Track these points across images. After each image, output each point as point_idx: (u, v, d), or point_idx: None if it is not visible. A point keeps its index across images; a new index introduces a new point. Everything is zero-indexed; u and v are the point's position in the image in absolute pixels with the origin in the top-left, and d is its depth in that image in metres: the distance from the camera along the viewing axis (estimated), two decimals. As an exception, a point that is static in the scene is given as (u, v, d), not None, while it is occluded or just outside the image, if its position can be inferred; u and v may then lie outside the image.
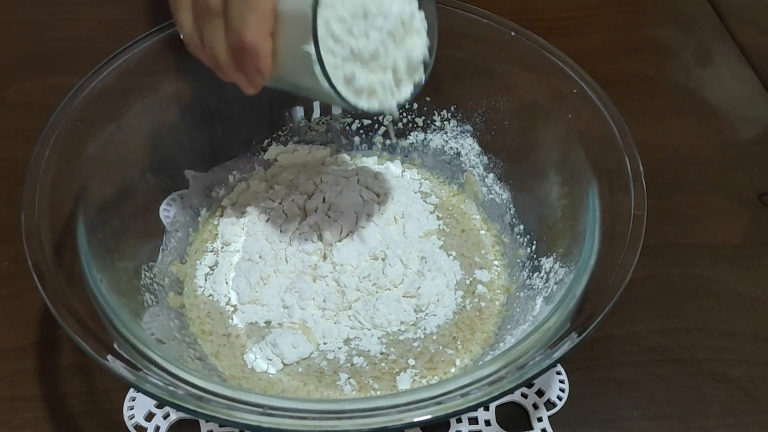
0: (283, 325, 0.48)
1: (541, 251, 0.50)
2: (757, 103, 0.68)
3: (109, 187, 0.46)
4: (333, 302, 0.49)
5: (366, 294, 0.49)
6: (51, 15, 0.73)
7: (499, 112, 0.54)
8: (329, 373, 0.46)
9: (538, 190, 0.52)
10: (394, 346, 0.48)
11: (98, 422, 0.45)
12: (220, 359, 0.47)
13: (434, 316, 0.49)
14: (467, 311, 0.50)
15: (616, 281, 0.38)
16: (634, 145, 0.44)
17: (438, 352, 0.47)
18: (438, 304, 0.50)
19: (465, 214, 0.56)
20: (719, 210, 0.59)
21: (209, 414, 0.33)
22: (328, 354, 0.47)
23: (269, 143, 0.58)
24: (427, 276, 0.51)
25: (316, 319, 0.48)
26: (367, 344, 0.48)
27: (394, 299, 0.49)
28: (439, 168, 0.59)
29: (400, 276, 0.50)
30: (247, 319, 0.49)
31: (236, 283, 0.50)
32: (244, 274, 0.50)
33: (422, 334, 0.48)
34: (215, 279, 0.51)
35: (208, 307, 0.50)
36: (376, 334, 0.48)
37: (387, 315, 0.48)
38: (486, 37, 0.52)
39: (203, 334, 0.48)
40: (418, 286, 0.50)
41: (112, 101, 0.46)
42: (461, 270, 0.52)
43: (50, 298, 0.37)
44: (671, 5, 0.79)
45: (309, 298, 0.49)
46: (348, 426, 0.33)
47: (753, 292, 0.53)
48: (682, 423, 0.46)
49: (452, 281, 0.51)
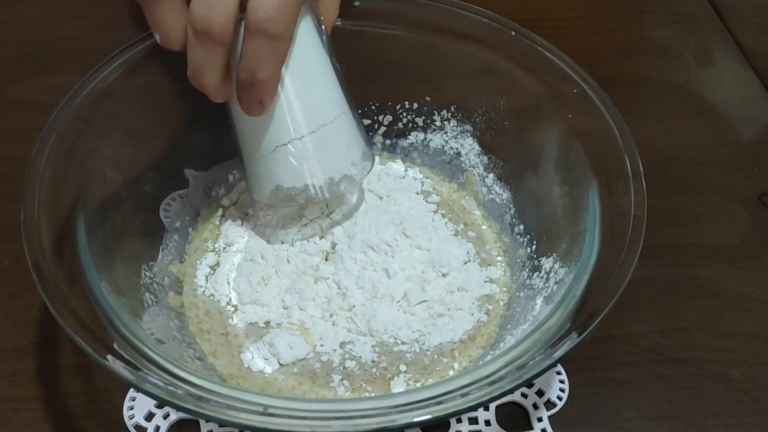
0: (281, 326, 0.48)
1: (541, 251, 0.50)
2: (757, 103, 0.68)
3: (109, 187, 0.46)
4: (334, 304, 0.48)
5: (367, 298, 0.48)
6: (51, 15, 0.73)
7: (499, 112, 0.54)
8: (322, 374, 0.46)
9: (538, 190, 0.52)
10: (386, 355, 0.47)
11: (98, 422, 0.45)
12: (218, 358, 0.47)
13: (439, 333, 0.47)
14: (476, 321, 0.49)
15: (616, 281, 0.38)
16: (634, 145, 0.44)
17: (433, 361, 0.47)
18: (450, 316, 0.48)
19: (465, 209, 0.56)
20: (719, 210, 0.59)
21: (209, 414, 0.33)
22: (322, 356, 0.47)
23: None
24: (435, 282, 0.49)
25: (315, 321, 0.48)
26: (359, 350, 0.47)
27: (395, 308, 0.48)
28: (439, 168, 0.59)
29: (402, 283, 0.49)
30: (247, 319, 0.49)
31: (237, 283, 0.50)
32: (246, 275, 0.50)
33: (418, 348, 0.47)
34: (216, 279, 0.51)
35: (207, 307, 0.49)
36: (369, 342, 0.47)
37: (384, 323, 0.47)
38: (486, 37, 0.52)
39: (201, 332, 0.48)
40: (423, 297, 0.48)
41: (112, 101, 0.46)
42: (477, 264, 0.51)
43: (50, 297, 0.37)
44: (671, 5, 0.79)
45: (309, 299, 0.49)
46: (348, 426, 0.33)
47: (753, 292, 0.53)
48: (682, 423, 0.46)
49: (471, 281, 0.50)
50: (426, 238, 0.51)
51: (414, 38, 0.53)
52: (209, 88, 0.42)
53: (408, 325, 0.48)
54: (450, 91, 0.56)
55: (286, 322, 0.48)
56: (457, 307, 0.49)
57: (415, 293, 0.48)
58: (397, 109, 0.58)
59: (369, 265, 0.49)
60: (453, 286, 0.49)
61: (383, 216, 0.51)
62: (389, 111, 0.58)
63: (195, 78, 0.41)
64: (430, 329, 0.48)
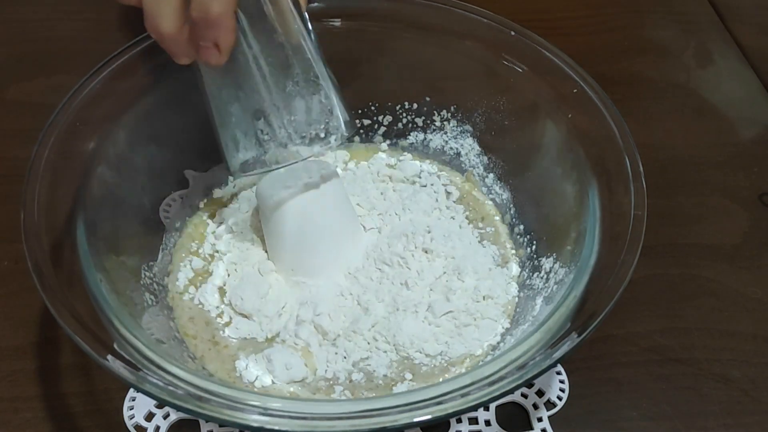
0: (285, 342, 0.46)
1: (541, 251, 0.50)
2: (757, 103, 0.68)
3: (109, 187, 0.46)
4: (354, 319, 0.46)
5: (390, 311, 0.47)
6: (50, 15, 0.73)
7: (499, 112, 0.54)
8: (324, 388, 0.44)
9: (537, 191, 0.52)
10: (400, 367, 0.45)
11: (98, 422, 0.45)
12: (208, 362, 0.45)
13: (464, 344, 0.46)
14: (503, 330, 0.47)
15: (616, 281, 0.38)
16: (634, 145, 0.44)
17: (442, 369, 0.45)
18: (476, 326, 0.47)
19: (478, 200, 0.56)
20: (719, 210, 0.59)
21: (209, 414, 0.33)
22: (327, 373, 0.45)
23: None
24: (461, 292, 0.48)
25: (321, 342, 0.46)
26: (375, 364, 0.45)
27: (420, 320, 0.46)
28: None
29: (426, 293, 0.48)
30: (242, 333, 0.47)
31: (236, 294, 0.48)
32: (244, 286, 0.48)
33: (441, 361, 0.46)
34: (206, 289, 0.49)
35: (192, 313, 0.48)
36: (391, 356, 0.45)
37: (410, 336, 0.45)
38: (486, 37, 0.52)
39: (187, 336, 0.47)
40: (449, 307, 0.47)
41: (112, 101, 0.46)
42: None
43: (50, 298, 0.37)
44: (671, 5, 0.79)
45: (325, 313, 0.46)
46: (348, 426, 0.33)
47: (753, 292, 0.53)
48: (682, 423, 0.46)
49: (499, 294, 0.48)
50: (450, 246, 0.50)
51: (414, 38, 0.53)
52: (167, 37, 0.40)
53: (435, 337, 0.46)
54: (450, 91, 0.56)
55: (290, 340, 0.46)
56: (484, 316, 0.47)
57: (440, 304, 0.47)
58: (397, 109, 0.58)
59: (386, 279, 0.48)
60: (479, 295, 0.48)
61: (398, 228, 0.51)
62: (389, 111, 0.58)
63: (151, 25, 0.40)
64: (455, 340, 0.46)
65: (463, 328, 0.47)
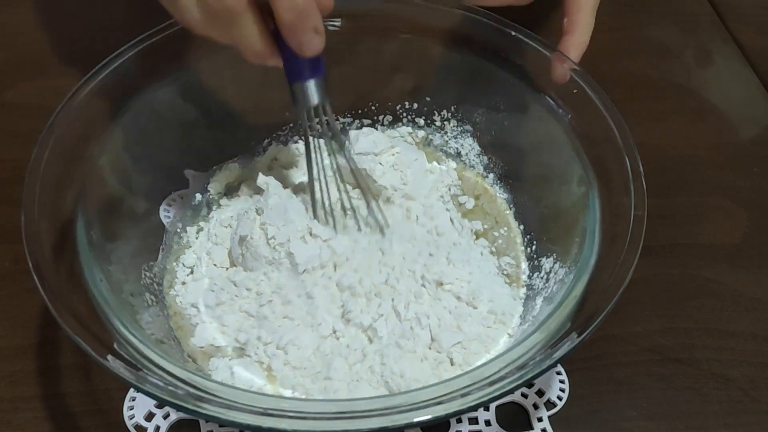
0: (252, 358, 0.44)
1: (541, 251, 0.50)
2: (757, 103, 0.68)
3: (109, 188, 0.46)
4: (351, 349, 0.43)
5: (386, 345, 0.43)
6: (50, 17, 0.73)
7: (499, 112, 0.54)
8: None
9: (538, 190, 0.52)
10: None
11: (98, 422, 0.45)
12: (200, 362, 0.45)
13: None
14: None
15: (616, 281, 0.38)
16: (634, 145, 0.44)
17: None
18: (487, 351, 0.45)
19: (490, 194, 0.55)
20: (719, 210, 0.59)
21: (209, 414, 0.33)
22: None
23: (269, 143, 0.58)
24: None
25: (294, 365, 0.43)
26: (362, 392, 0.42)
27: (419, 359, 0.43)
28: (439, 168, 0.59)
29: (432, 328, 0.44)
30: (209, 339, 0.45)
31: (208, 298, 0.47)
32: (219, 291, 0.47)
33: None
34: (188, 288, 0.48)
35: (176, 308, 0.48)
36: (381, 391, 0.42)
37: (408, 381, 0.42)
38: (486, 37, 0.52)
39: (178, 328, 0.47)
40: (458, 338, 0.44)
41: (112, 102, 0.46)
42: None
43: (50, 298, 0.37)
44: (671, 5, 0.79)
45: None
46: (348, 426, 0.33)
47: (753, 292, 0.53)
48: (682, 423, 0.46)
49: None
50: (467, 270, 0.47)
51: (414, 38, 0.53)
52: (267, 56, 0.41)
53: (438, 377, 0.43)
54: (450, 91, 0.56)
55: (255, 356, 0.44)
56: (494, 339, 0.45)
57: (448, 336, 0.44)
58: (397, 109, 0.58)
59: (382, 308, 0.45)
60: (490, 321, 0.46)
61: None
62: (389, 111, 0.58)
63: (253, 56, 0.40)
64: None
65: (473, 356, 0.44)
